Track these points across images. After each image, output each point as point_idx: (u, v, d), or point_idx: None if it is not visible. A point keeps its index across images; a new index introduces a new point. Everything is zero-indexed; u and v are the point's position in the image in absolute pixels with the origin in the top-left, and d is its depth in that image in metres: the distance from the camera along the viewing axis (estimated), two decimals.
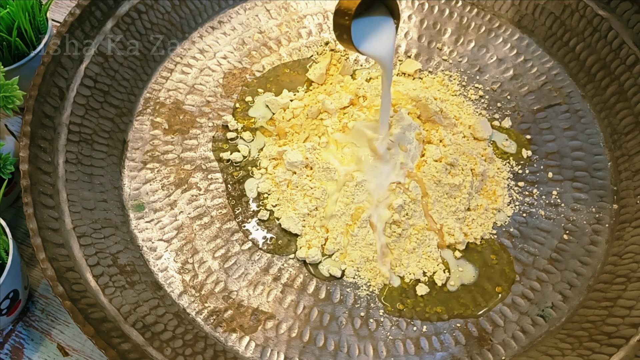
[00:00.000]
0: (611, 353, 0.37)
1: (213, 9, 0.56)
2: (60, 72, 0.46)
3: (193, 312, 0.42)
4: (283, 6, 0.58)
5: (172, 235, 0.45)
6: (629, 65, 0.49)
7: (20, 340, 0.43)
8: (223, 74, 0.54)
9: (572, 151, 0.50)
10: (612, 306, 0.41)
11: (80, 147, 0.46)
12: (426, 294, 0.43)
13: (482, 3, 0.57)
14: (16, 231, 0.48)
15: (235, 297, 0.43)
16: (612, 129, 0.50)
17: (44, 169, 0.43)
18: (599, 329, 0.40)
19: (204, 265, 0.44)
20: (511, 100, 0.53)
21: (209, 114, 0.51)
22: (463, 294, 0.43)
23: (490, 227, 0.46)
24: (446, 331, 0.42)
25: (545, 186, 0.48)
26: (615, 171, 0.49)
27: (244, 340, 0.41)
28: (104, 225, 0.44)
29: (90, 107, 0.48)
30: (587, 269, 0.44)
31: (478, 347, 0.41)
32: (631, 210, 0.46)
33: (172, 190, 0.47)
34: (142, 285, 0.42)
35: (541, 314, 0.43)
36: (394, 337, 0.42)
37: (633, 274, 0.42)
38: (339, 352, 0.41)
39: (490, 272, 0.44)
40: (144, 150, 0.49)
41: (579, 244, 0.46)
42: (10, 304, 0.41)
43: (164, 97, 0.52)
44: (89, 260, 0.41)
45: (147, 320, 0.40)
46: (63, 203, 0.43)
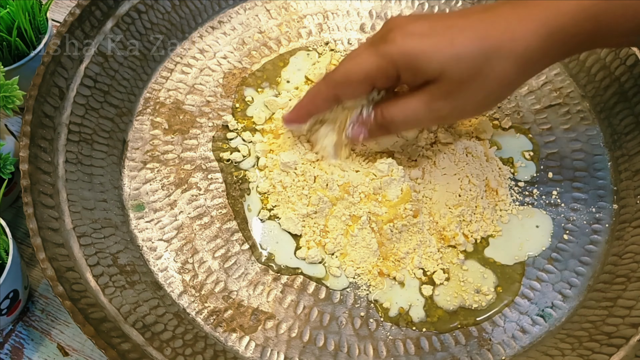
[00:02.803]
0: (611, 353, 0.37)
1: (213, 9, 0.56)
2: (60, 72, 0.46)
3: (193, 312, 0.42)
4: (283, 6, 0.58)
5: (172, 235, 0.45)
6: (629, 66, 0.49)
7: (20, 340, 0.43)
8: (223, 74, 0.54)
9: (572, 151, 0.50)
10: (612, 306, 0.41)
11: (80, 147, 0.46)
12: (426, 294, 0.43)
13: (482, 3, 0.57)
14: (16, 231, 0.48)
15: (235, 297, 0.43)
16: (612, 129, 0.50)
17: (44, 169, 0.43)
18: (599, 329, 0.40)
19: (204, 265, 0.44)
20: (511, 100, 0.53)
21: (209, 114, 0.51)
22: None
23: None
24: (446, 331, 0.42)
25: (545, 186, 0.48)
26: (615, 171, 0.49)
27: (244, 340, 0.41)
28: (104, 225, 0.44)
29: (90, 107, 0.48)
30: (587, 269, 0.44)
31: (478, 347, 0.41)
32: (631, 210, 0.46)
33: (172, 190, 0.47)
34: (142, 285, 0.42)
35: (541, 313, 0.43)
36: (394, 337, 0.42)
37: (633, 274, 0.42)
38: (339, 352, 0.41)
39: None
40: (144, 150, 0.49)
41: (578, 244, 0.46)
42: (10, 304, 0.41)
43: (164, 97, 0.52)
44: (89, 260, 0.41)
45: (147, 320, 0.40)
46: (63, 203, 0.43)
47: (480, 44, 0.35)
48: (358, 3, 0.58)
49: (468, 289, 0.43)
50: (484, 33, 0.35)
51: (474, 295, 0.43)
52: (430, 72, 0.37)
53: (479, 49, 0.35)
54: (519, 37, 0.35)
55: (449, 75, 0.36)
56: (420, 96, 0.38)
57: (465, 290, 0.43)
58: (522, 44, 0.35)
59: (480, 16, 0.36)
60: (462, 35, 0.35)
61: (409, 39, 0.36)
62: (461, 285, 0.43)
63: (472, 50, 0.35)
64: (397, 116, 0.40)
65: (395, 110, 0.39)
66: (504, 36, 0.35)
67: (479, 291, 0.43)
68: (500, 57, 0.35)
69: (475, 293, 0.43)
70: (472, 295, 0.43)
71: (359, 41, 0.56)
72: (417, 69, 0.37)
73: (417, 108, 0.39)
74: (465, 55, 0.35)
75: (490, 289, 0.43)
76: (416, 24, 0.37)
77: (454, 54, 0.35)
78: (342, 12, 0.57)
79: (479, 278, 0.44)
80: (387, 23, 0.39)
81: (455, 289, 0.43)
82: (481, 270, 0.44)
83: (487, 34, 0.35)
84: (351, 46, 0.56)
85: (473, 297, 0.43)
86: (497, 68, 0.36)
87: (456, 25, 0.36)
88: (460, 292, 0.43)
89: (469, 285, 0.43)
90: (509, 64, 0.36)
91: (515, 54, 0.35)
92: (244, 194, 0.48)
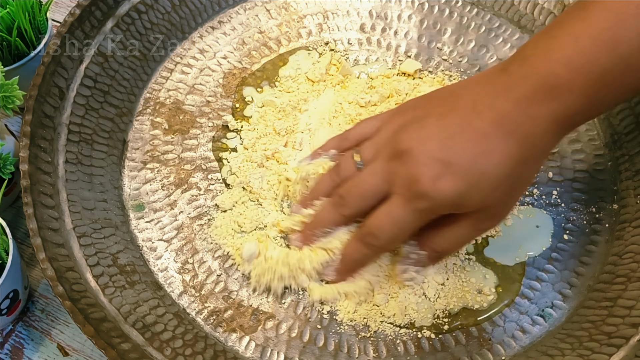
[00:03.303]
0: (611, 353, 0.37)
1: (213, 9, 0.56)
2: (60, 72, 0.46)
3: (193, 312, 0.42)
4: (283, 6, 0.58)
5: (172, 235, 0.45)
6: None
7: (20, 340, 0.43)
8: (223, 74, 0.54)
9: (572, 151, 0.50)
10: (612, 306, 0.41)
11: (80, 147, 0.46)
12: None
13: (482, 3, 0.57)
14: (16, 231, 0.48)
15: (235, 297, 0.43)
16: (612, 129, 0.50)
17: (44, 169, 0.43)
18: (599, 329, 0.40)
19: (204, 265, 0.44)
20: None
21: (209, 114, 0.51)
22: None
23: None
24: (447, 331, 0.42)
25: (545, 186, 0.48)
26: (615, 171, 0.49)
27: (244, 340, 0.41)
28: (104, 225, 0.44)
29: (90, 107, 0.48)
30: (587, 269, 0.44)
31: (478, 347, 0.41)
32: (631, 210, 0.46)
33: (172, 190, 0.47)
34: (142, 285, 0.42)
35: (541, 313, 0.43)
36: (395, 337, 0.42)
37: (633, 274, 0.42)
38: (339, 352, 0.41)
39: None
40: (144, 150, 0.49)
41: (578, 244, 0.46)
42: (10, 304, 0.41)
43: (164, 97, 0.52)
44: (89, 260, 0.41)
45: (147, 320, 0.40)
46: (63, 203, 0.43)
47: (508, 165, 0.34)
48: (358, 3, 0.58)
49: (470, 290, 0.43)
50: (506, 151, 0.34)
51: (475, 296, 0.43)
52: (473, 207, 0.36)
53: (509, 169, 0.34)
54: (537, 140, 0.35)
55: (491, 203, 0.36)
56: (467, 222, 0.37)
57: (468, 290, 0.43)
58: (542, 144, 0.35)
59: (488, 123, 0.35)
60: (488, 162, 0.34)
61: (440, 187, 0.34)
62: (463, 285, 0.43)
63: (505, 173, 0.34)
64: (450, 246, 0.39)
65: (445, 242, 0.38)
66: (525, 144, 0.34)
67: (481, 292, 0.43)
68: (527, 165, 0.36)
69: (477, 293, 0.43)
70: (474, 296, 0.43)
71: (358, 41, 0.56)
72: (458, 210, 0.36)
73: (467, 234, 0.38)
74: (499, 181, 0.35)
75: (491, 290, 0.43)
76: (429, 145, 0.35)
77: (490, 185, 0.35)
78: (342, 12, 0.57)
79: (481, 278, 0.44)
80: (397, 148, 0.37)
81: (457, 290, 0.43)
82: (483, 271, 0.44)
83: (509, 151, 0.34)
84: (351, 46, 0.56)
85: (475, 297, 0.43)
86: (526, 174, 0.36)
87: (475, 148, 0.34)
88: (463, 292, 0.43)
89: (471, 286, 0.43)
90: (534, 164, 0.36)
91: (537, 154, 0.36)
92: None
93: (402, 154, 0.36)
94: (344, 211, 0.39)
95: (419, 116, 0.38)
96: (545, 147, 0.36)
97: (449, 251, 0.40)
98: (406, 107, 0.41)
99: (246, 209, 0.46)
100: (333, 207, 0.40)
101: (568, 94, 0.34)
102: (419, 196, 0.35)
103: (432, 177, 0.35)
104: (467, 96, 0.37)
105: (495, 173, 0.34)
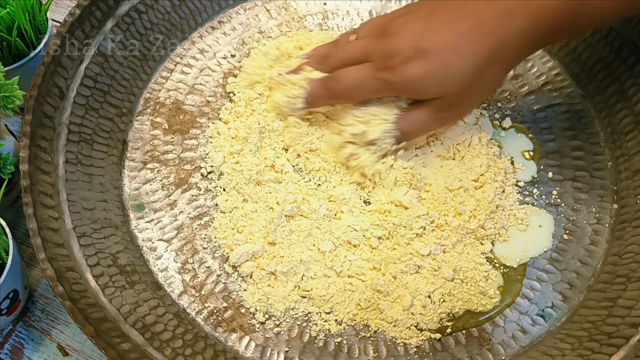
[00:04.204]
0: (611, 353, 0.37)
1: (213, 9, 0.56)
2: (60, 72, 0.46)
3: (193, 312, 0.42)
4: (283, 6, 0.58)
5: (172, 235, 0.45)
6: (630, 65, 0.49)
7: (20, 340, 0.43)
8: (223, 74, 0.54)
9: (572, 151, 0.50)
10: (612, 306, 0.41)
11: (80, 147, 0.46)
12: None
13: None
14: (16, 231, 0.48)
15: (235, 297, 0.43)
16: (612, 128, 0.50)
17: (44, 169, 0.43)
18: (599, 329, 0.40)
19: (204, 265, 0.44)
20: (511, 100, 0.53)
21: (209, 114, 0.51)
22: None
23: None
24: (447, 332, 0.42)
25: (545, 186, 0.48)
26: (615, 171, 0.49)
27: (244, 340, 0.41)
28: (104, 225, 0.44)
29: (90, 107, 0.48)
30: (587, 269, 0.44)
31: (478, 347, 0.41)
32: (631, 210, 0.46)
33: (172, 190, 0.47)
34: (142, 285, 0.42)
35: (541, 313, 0.43)
36: (395, 337, 0.42)
37: (633, 274, 0.42)
38: (339, 352, 0.41)
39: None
40: (144, 150, 0.49)
41: (579, 243, 0.46)
42: (10, 304, 0.41)
43: (164, 97, 0.52)
44: (89, 260, 0.41)
45: (147, 320, 0.40)
46: (63, 203, 0.43)
47: (472, 62, 0.40)
48: (358, 3, 0.58)
49: (476, 293, 0.43)
50: (474, 49, 0.39)
51: (481, 299, 0.43)
52: (431, 94, 0.42)
53: (472, 66, 0.40)
54: (506, 47, 0.40)
55: (448, 92, 0.41)
56: (426, 109, 0.43)
57: (473, 294, 0.43)
58: (508, 52, 0.40)
59: (467, 25, 0.40)
60: (455, 56, 0.40)
61: (408, 67, 0.40)
62: (469, 289, 0.43)
63: (467, 69, 0.40)
64: (411, 127, 0.44)
65: (408, 124, 0.44)
66: (493, 48, 0.39)
67: (485, 294, 0.43)
68: (491, 68, 0.41)
69: (482, 296, 0.43)
70: (479, 299, 0.43)
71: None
72: (418, 93, 0.42)
73: (424, 119, 0.44)
74: (460, 75, 0.40)
75: (495, 292, 0.43)
76: (411, 32, 0.41)
77: (450, 76, 0.40)
78: (342, 12, 0.57)
79: (483, 280, 0.43)
80: (386, 31, 0.43)
81: (463, 293, 0.43)
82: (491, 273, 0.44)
83: (477, 49, 0.39)
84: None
85: (480, 300, 0.43)
86: (488, 77, 0.41)
87: (448, 41, 0.40)
88: (469, 296, 0.43)
89: (477, 289, 0.43)
90: (498, 70, 0.41)
91: (503, 61, 0.41)
92: None
93: (387, 35, 0.42)
94: (324, 68, 0.46)
95: (412, 11, 0.43)
96: (511, 57, 0.41)
97: (410, 133, 0.45)
98: (405, 9, 0.45)
99: (246, 209, 0.46)
100: (318, 64, 0.46)
101: (543, 10, 0.39)
102: (387, 69, 0.41)
103: (404, 58, 0.40)
104: (459, 1, 0.41)
105: (458, 65, 0.40)
